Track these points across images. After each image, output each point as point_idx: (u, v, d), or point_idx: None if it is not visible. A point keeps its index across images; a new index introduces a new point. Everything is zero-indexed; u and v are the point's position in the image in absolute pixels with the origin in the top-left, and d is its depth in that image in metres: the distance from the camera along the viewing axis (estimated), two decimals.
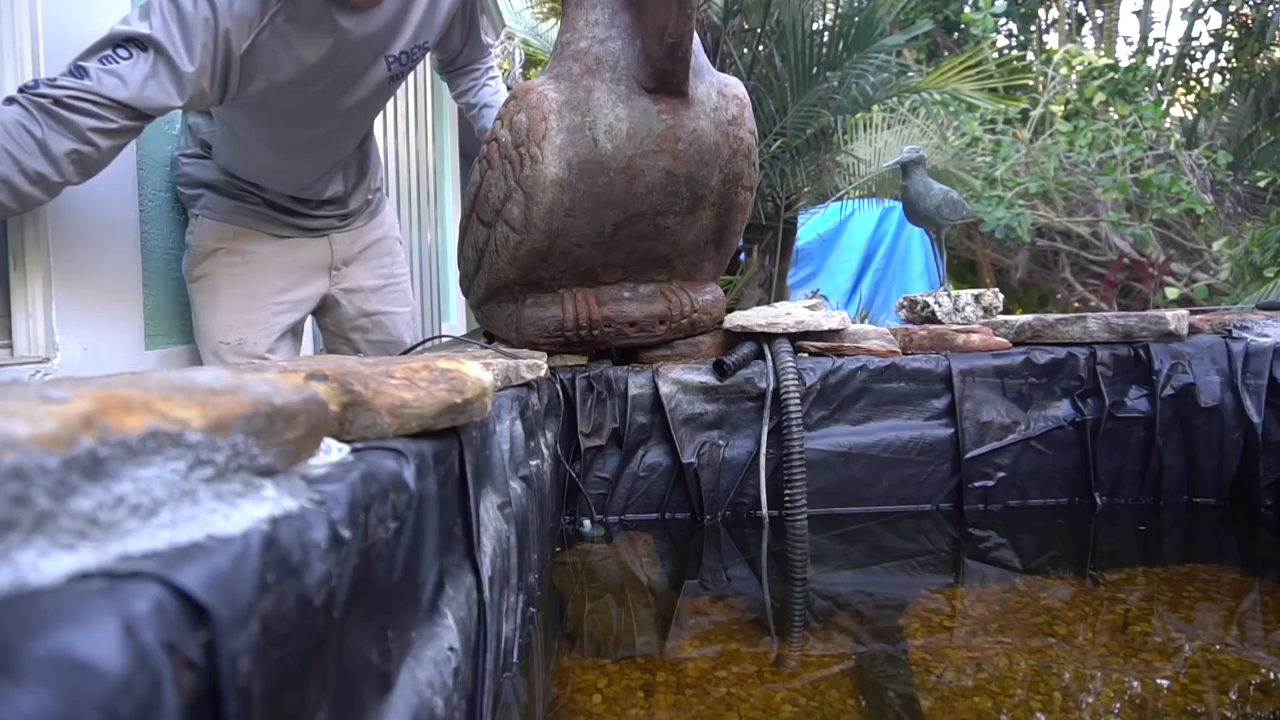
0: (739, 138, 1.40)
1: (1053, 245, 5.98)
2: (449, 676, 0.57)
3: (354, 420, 0.53)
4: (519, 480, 1.05)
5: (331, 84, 1.36)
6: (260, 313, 1.55)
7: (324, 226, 1.64)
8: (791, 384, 1.52)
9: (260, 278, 1.56)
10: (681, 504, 1.57)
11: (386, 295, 1.78)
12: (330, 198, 1.61)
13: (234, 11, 1.18)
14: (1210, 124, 6.19)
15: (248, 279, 1.54)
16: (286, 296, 1.60)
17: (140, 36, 1.13)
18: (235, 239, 1.54)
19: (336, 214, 1.65)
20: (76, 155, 1.10)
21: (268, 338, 1.56)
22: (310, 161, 1.52)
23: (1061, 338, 1.65)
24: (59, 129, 1.08)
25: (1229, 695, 0.86)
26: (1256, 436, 1.52)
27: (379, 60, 1.39)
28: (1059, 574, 1.25)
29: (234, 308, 1.53)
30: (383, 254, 1.78)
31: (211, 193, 1.53)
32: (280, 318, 1.59)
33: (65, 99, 1.08)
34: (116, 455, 0.28)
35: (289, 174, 1.53)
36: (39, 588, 0.25)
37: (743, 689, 0.89)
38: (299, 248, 1.62)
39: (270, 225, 1.57)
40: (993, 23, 4.99)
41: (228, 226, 1.53)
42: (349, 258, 1.70)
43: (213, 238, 1.52)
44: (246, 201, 1.54)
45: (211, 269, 1.53)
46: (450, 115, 3.74)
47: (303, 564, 0.35)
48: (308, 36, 1.26)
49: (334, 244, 1.67)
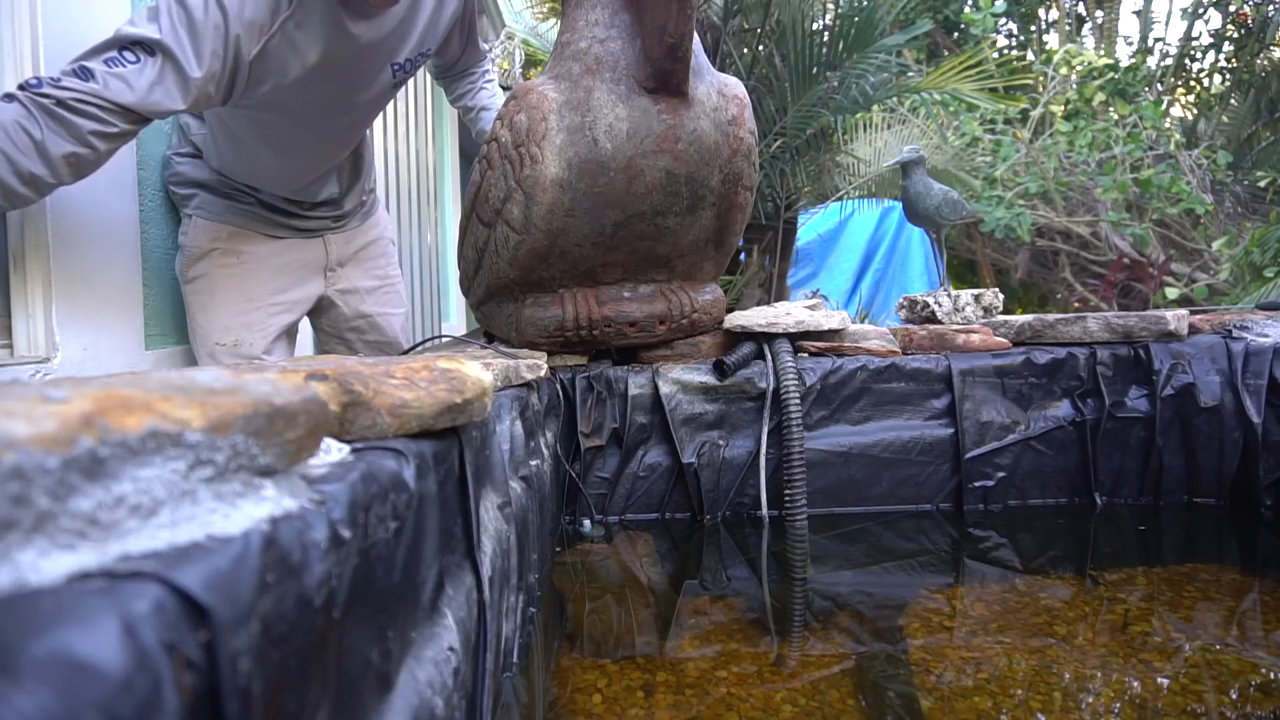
0: (739, 138, 1.40)
1: (1053, 245, 5.98)
2: (449, 676, 0.57)
3: (354, 420, 0.53)
4: (519, 480, 1.05)
5: (337, 88, 1.35)
6: (256, 314, 1.55)
7: (319, 227, 1.64)
8: (791, 384, 1.52)
9: (256, 279, 1.55)
10: (681, 504, 1.57)
11: (382, 296, 1.78)
12: (325, 199, 1.61)
13: (245, 17, 1.17)
14: (1210, 124, 6.19)
15: (244, 280, 1.54)
16: (282, 297, 1.59)
17: (148, 40, 1.11)
18: (230, 239, 1.53)
19: (331, 214, 1.64)
20: (74, 158, 1.09)
21: (264, 339, 1.55)
22: (308, 163, 1.52)
23: (1061, 338, 1.65)
24: (59, 131, 1.06)
25: (1229, 695, 0.86)
26: (1256, 436, 1.52)
27: (385, 67, 1.39)
28: (1059, 574, 1.25)
29: (230, 309, 1.53)
30: (377, 255, 1.78)
31: (205, 192, 1.52)
32: (276, 319, 1.58)
33: (69, 100, 1.06)
34: (116, 455, 0.28)
35: (285, 175, 1.52)
36: (39, 588, 0.25)
37: (743, 689, 0.89)
38: (294, 248, 1.61)
39: (265, 226, 1.57)
40: (993, 23, 5.00)
41: (222, 227, 1.52)
42: (344, 259, 1.70)
43: (207, 238, 1.51)
44: (241, 202, 1.53)
45: (207, 269, 1.52)
46: (450, 116, 3.74)
47: (303, 564, 0.35)
48: (317, 41, 1.25)
49: (329, 245, 1.67)
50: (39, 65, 1.24)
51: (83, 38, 1.16)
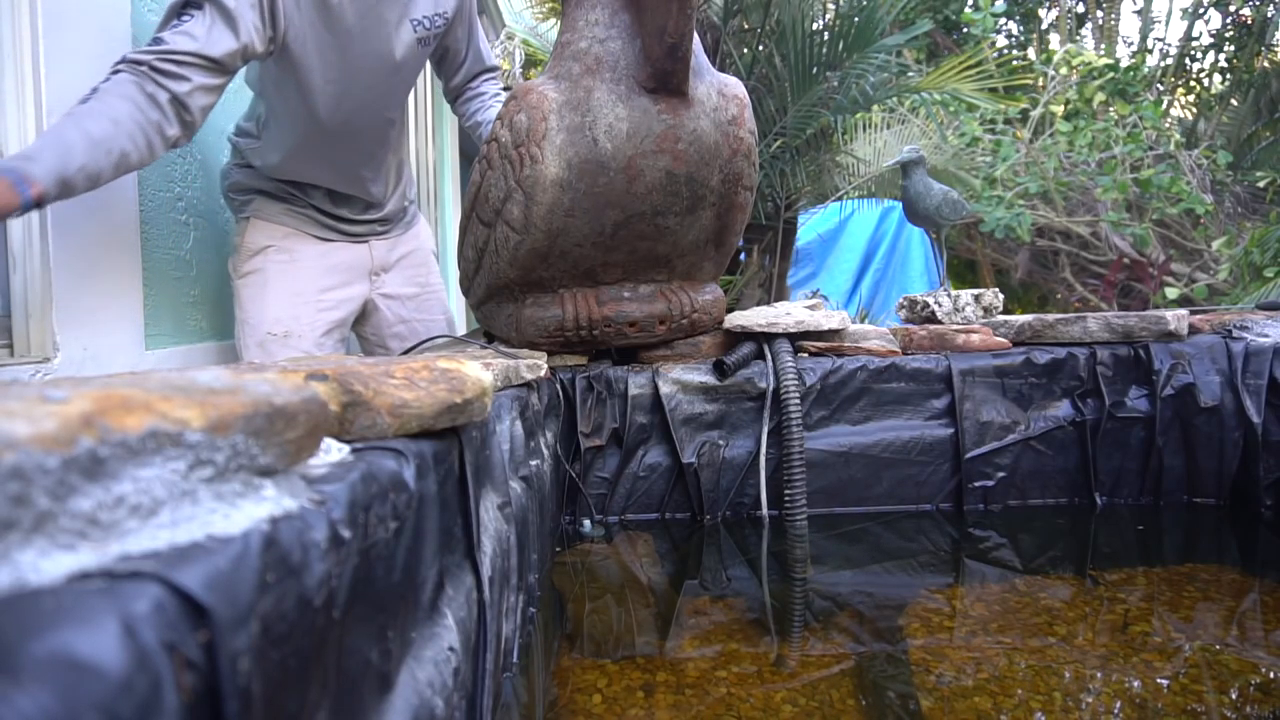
0: (739, 138, 1.40)
1: (1053, 245, 5.97)
2: (449, 676, 0.57)
3: (354, 420, 0.53)
4: (519, 480, 1.05)
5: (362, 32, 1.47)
6: (305, 308, 1.66)
7: (365, 232, 1.76)
8: (791, 384, 1.52)
9: (306, 275, 1.67)
10: (681, 504, 1.57)
11: (423, 303, 1.89)
12: (371, 202, 1.73)
13: None
14: (1210, 124, 6.19)
15: (295, 275, 1.66)
16: (329, 295, 1.70)
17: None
18: (284, 239, 1.66)
19: (376, 218, 1.77)
20: (175, 117, 1.25)
21: (313, 332, 1.66)
22: (355, 143, 1.61)
23: (1061, 338, 1.65)
24: (158, 90, 1.23)
25: (1229, 695, 0.86)
26: (1256, 436, 1.52)
27: (404, 21, 1.52)
28: (1059, 574, 1.25)
29: (282, 301, 1.64)
30: (418, 264, 1.89)
31: (262, 197, 1.66)
32: (324, 314, 1.69)
33: (155, 63, 1.23)
34: (116, 455, 0.28)
35: (337, 157, 1.62)
36: (39, 588, 0.25)
37: (743, 689, 0.89)
38: (341, 251, 1.73)
39: (315, 228, 1.69)
40: (993, 23, 4.99)
41: (277, 227, 1.65)
42: (388, 264, 1.82)
43: (264, 236, 1.65)
44: (295, 205, 1.67)
45: (262, 264, 1.64)
46: (450, 116, 3.74)
47: (303, 564, 0.35)
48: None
49: (373, 250, 1.79)
50: (39, 65, 1.24)
51: (83, 37, 1.16)
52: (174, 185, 1.66)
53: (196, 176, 1.75)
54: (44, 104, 1.26)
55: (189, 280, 1.72)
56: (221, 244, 1.88)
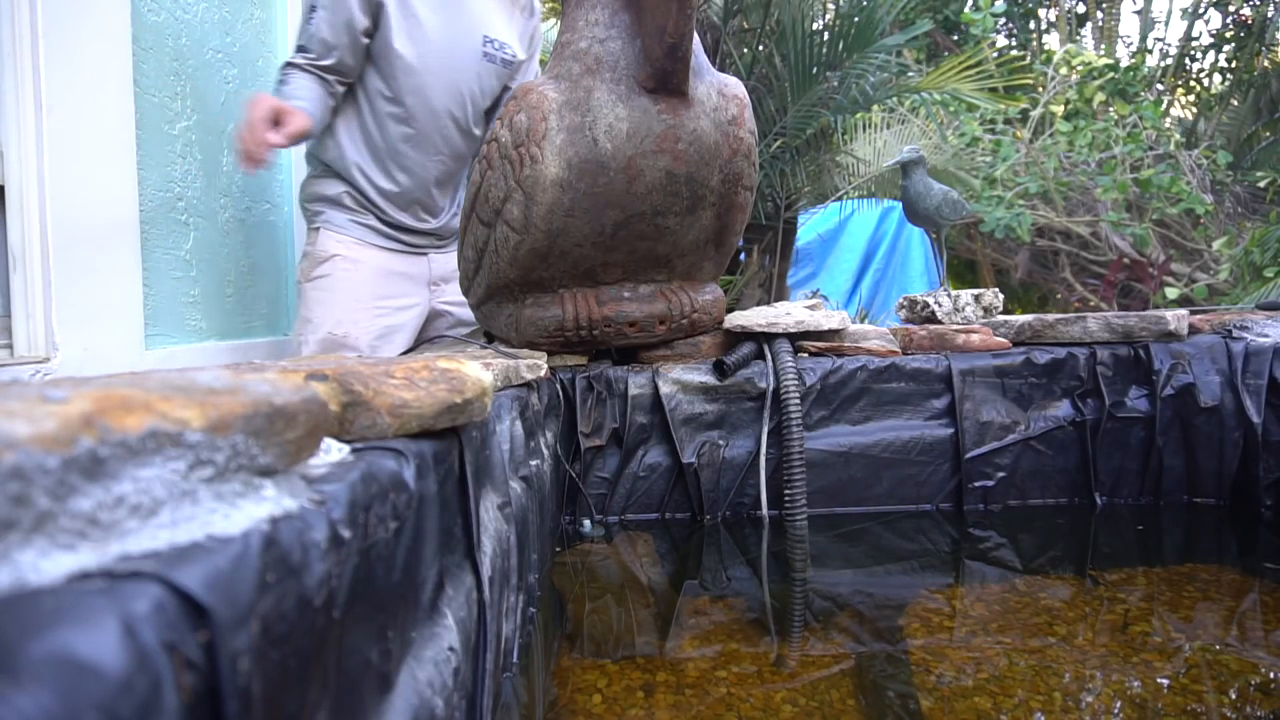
0: (739, 138, 1.40)
1: (1053, 245, 5.97)
2: (449, 676, 0.57)
3: (354, 420, 0.53)
4: (519, 480, 1.05)
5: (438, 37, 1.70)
6: (362, 313, 1.79)
7: (425, 245, 1.91)
8: (791, 384, 1.52)
9: (367, 284, 1.81)
10: (681, 504, 1.57)
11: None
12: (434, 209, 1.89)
13: None
14: (1210, 124, 6.18)
15: (357, 283, 1.80)
16: (386, 302, 1.83)
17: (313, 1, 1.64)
18: (351, 248, 1.81)
19: (435, 230, 1.91)
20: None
21: (368, 335, 1.79)
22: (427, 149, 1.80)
23: (1061, 338, 1.65)
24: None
25: (1229, 695, 0.86)
26: (1256, 436, 1.52)
27: (476, 34, 1.76)
28: (1059, 574, 1.25)
29: (345, 305, 1.78)
30: None
31: (332, 209, 1.81)
32: (379, 319, 1.82)
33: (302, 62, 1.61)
34: (116, 455, 0.28)
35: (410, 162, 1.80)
36: (39, 588, 0.25)
37: (743, 689, 0.89)
38: (402, 261, 1.87)
39: (380, 239, 1.84)
40: (992, 23, 4.99)
41: (345, 238, 1.80)
42: (446, 276, 1.95)
43: (333, 245, 1.80)
44: (363, 218, 1.81)
45: (330, 271, 1.78)
46: None
47: (303, 564, 0.35)
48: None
49: (432, 262, 1.94)
50: (39, 65, 1.24)
51: (82, 38, 1.16)
52: (174, 185, 1.66)
53: (196, 176, 1.75)
54: (44, 104, 1.26)
55: (189, 280, 1.72)
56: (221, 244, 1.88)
